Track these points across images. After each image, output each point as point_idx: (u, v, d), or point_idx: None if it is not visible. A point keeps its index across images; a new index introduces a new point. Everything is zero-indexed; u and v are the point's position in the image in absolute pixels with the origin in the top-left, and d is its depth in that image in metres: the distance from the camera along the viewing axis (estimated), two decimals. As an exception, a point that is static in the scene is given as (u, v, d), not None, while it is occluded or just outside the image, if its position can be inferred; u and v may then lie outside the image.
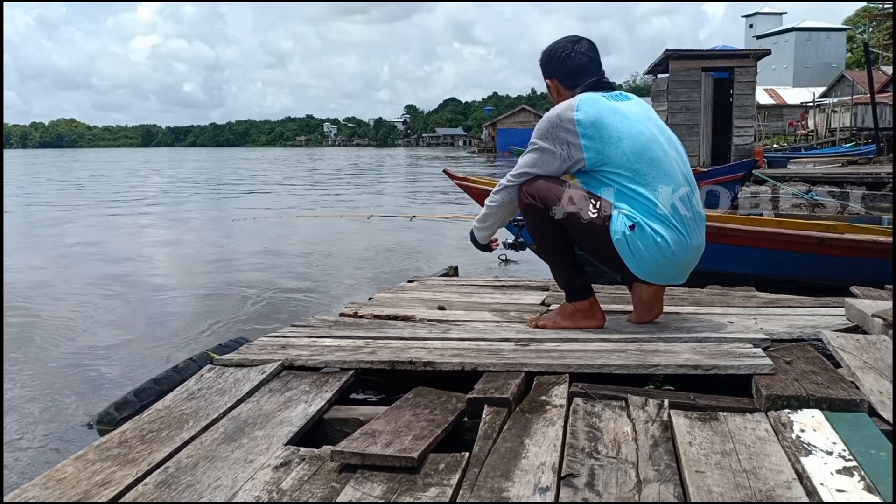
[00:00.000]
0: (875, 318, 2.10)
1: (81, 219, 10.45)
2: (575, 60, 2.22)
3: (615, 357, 1.86)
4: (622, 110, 2.10)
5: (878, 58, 34.91)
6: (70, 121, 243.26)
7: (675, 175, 2.08)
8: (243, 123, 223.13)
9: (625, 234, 2.02)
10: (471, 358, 1.90)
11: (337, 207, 12.47)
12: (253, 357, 2.03)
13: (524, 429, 1.48)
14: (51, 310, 4.43)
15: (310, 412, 1.64)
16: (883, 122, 20.00)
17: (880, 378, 1.65)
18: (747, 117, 14.74)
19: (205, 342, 3.36)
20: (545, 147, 2.12)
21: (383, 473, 1.30)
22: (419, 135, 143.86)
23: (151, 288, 5.11)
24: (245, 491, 1.27)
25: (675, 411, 1.53)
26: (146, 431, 1.55)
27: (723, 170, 8.72)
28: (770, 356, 1.83)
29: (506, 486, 1.22)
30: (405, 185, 19.25)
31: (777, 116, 41.21)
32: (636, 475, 1.25)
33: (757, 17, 70.55)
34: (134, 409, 2.25)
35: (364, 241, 7.69)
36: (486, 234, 2.41)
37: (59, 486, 1.30)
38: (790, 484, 1.20)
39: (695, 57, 14.86)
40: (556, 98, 2.26)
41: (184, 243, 7.89)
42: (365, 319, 2.54)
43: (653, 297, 2.23)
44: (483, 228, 2.38)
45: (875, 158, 16.04)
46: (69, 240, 8.01)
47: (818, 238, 3.59)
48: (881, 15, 40.04)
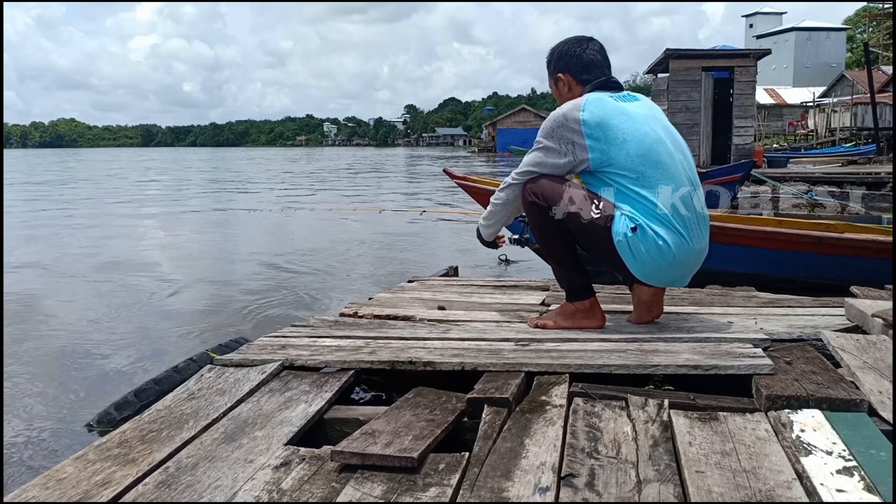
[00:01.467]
0: (875, 318, 2.10)
1: (83, 218, 10.45)
2: (589, 56, 2.23)
3: (615, 357, 1.86)
4: (629, 111, 2.09)
5: (878, 58, 34.91)
6: (70, 120, 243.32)
7: (679, 177, 2.08)
8: (243, 123, 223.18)
9: (626, 235, 2.02)
10: (471, 358, 1.90)
11: (345, 202, 12.54)
12: (253, 357, 2.03)
13: (524, 429, 1.48)
14: (51, 309, 4.43)
15: (310, 412, 1.64)
16: (883, 121, 20.01)
17: (880, 378, 1.66)
18: (747, 117, 14.74)
19: (205, 342, 3.35)
20: (550, 146, 2.12)
21: (383, 473, 1.30)
22: (419, 135, 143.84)
23: (151, 288, 5.10)
24: (245, 491, 1.27)
25: (675, 411, 1.53)
26: (146, 431, 1.55)
27: (722, 170, 8.72)
28: (770, 356, 1.83)
29: (506, 486, 1.22)
30: (408, 184, 19.27)
31: (777, 116, 41.24)
32: (636, 475, 1.25)
33: (757, 17, 70.58)
34: (134, 409, 2.25)
35: (365, 240, 7.69)
36: (492, 232, 2.43)
37: (59, 486, 1.30)
38: (790, 484, 1.20)
39: (695, 56, 14.86)
40: (565, 94, 2.25)
41: (184, 244, 7.88)
42: (365, 319, 2.54)
43: (652, 299, 2.23)
44: (488, 226, 2.40)
45: (875, 158, 16.06)
46: (70, 240, 8.01)
47: (817, 237, 3.59)
48: (881, 15, 40.04)
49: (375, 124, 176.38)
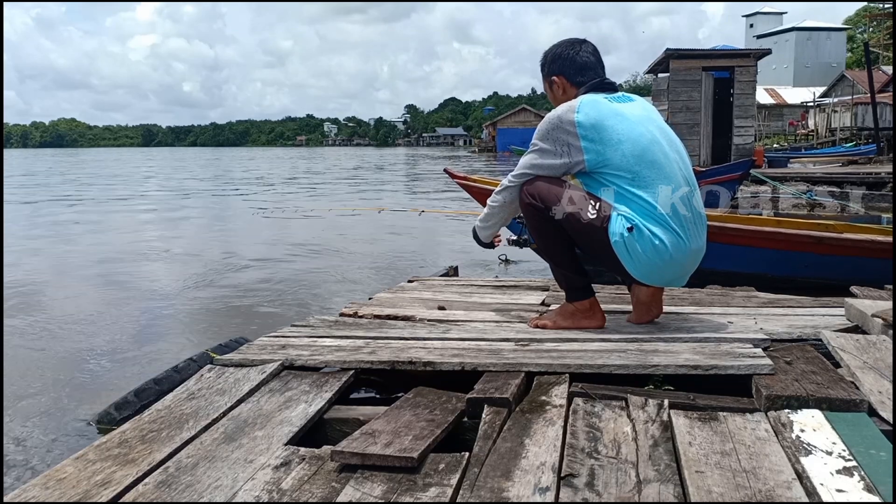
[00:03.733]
0: (875, 318, 2.10)
1: (85, 217, 10.46)
2: (583, 58, 2.24)
3: (615, 357, 1.86)
4: (623, 112, 2.10)
5: (878, 57, 34.90)
6: (70, 120, 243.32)
7: (675, 177, 2.08)
8: (244, 123, 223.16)
9: (623, 235, 2.03)
10: (471, 358, 1.90)
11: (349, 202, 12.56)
12: (253, 357, 2.03)
13: (524, 429, 1.48)
14: (51, 309, 4.43)
15: (310, 412, 1.64)
16: (883, 121, 20.00)
17: (880, 378, 1.66)
18: (748, 117, 14.72)
19: (205, 342, 3.35)
20: (545, 148, 2.12)
21: (383, 473, 1.30)
22: (419, 134, 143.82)
23: (151, 287, 5.10)
24: (245, 491, 1.27)
25: (675, 411, 1.53)
26: (146, 431, 1.55)
27: (720, 169, 8.72)
28: (770, 356, 1.83)
29: (506, 486, 1.22)
30: (410, 183, 19.29)
31: (777, 116, 41.23)
32: (636, 475, 1.25)
33: (757, 17, 70.57)
34: (134, 409, 2.25)
35: (365, 240, 7.69)
36: (489, 234, 2.43)
37: (59, 485, 1.30)
38: (790, 484, 1.20)
39: (695, 56, 14.85)
40: (560, 97, 2.26)
41: (184, 243, 7.88)
42: (365, 319, 2.54)
43: (651, 299, 2.23)
44: (485, 228, 2.41)
45: (875, 158, 16.06)
46: (70, 239, 8.01)
47: (817, 237, 3.60)
48: (881, 15, 40.03)
49: (376, 124, 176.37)
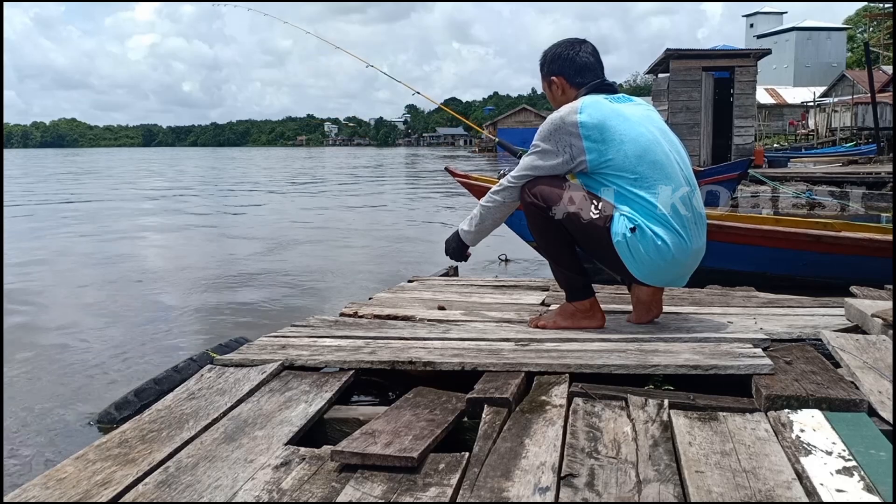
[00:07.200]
0: (875, 318, 2.10)
1: (86, 217, 10.46)
2: (582, 58, 2.24)
3: (615, 357, 1.86)
4: (624, 113, 2.10)
5: (878, 57, 34.87)
6: (71, 120, 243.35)
7: (675, 177, 2.08)
8: (244, 123, 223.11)
9: (625, 236, 2.03)
10: (471, 358, 1.90)
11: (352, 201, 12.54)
12: (253, 357, 2.03)
13: (524, 429, 1.48)
14: (51, 309, 4.43)
15: (310, 412, 1.64)
16: (883, 121, 20.00)
17: (880, 378, 1.66)
18: (748, 117, 14.72)
19: (205, 342, 3.35)
20: (548, 149, 2.13)
21: (383, 473, 1.30)
22: (420, 134, 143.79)
23: (151, 287, 5.10)
24: (245, 491, 1.27)
25: (675, 411, 1.53)
26: (146, 431, 1.55)
27: (718, 169, 8.71)
28: (770, 356, 1.83)
29: (506, 486, 1.22)
30: (417, 181, 19.31)
31: (777, 116, 41.22)
32: (636, 475, 1.25)
33: (757, 17, 70.57)
34: (134, 409, 2.25)
35: (365, 240, 7.69)
36: (478, 238, 2.35)
37: (59, 485, 1.30)
38: (790, 484, 1.20)
39: (695, 56, 14.85)
40: (559, 97, 2.26)
41: (185, 243, 7.89)
42: (365, 319, 2.54)
43: (651, 298, 2.23)
44: (475, 231, 2.32)
45: (875, 158, 16.05)
46: (70, 239, 8.01)
47: (816, 236, 3.60)
48: (881, 15, 40.00)
49: (376, 124, 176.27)
